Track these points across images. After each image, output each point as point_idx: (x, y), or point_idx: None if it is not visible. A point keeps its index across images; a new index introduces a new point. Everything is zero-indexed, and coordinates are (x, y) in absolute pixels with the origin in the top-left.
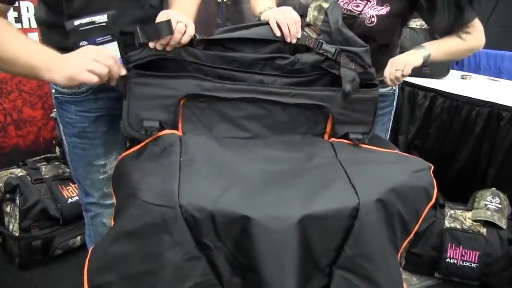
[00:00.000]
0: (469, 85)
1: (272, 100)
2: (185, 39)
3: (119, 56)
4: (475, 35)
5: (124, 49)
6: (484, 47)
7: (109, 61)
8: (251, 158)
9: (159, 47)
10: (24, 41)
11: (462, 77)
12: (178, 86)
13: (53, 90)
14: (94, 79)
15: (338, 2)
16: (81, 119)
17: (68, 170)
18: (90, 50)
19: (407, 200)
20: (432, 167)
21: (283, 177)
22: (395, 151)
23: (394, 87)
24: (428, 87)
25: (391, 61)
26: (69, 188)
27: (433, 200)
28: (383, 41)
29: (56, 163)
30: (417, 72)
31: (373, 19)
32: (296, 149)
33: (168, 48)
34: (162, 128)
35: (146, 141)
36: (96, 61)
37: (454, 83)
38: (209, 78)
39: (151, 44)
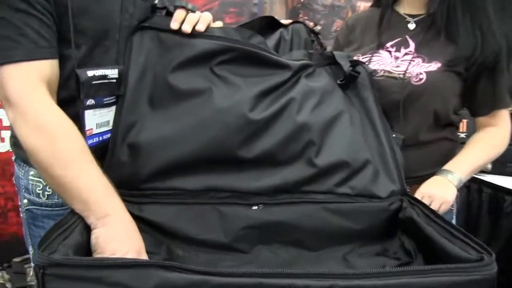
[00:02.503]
0: None
1: None
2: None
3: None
4: (501, 130)
5: None
6: None
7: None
8: None
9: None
10: (91, 165)
11: None
12: (128, 282)
13: (25, 201)
14: None
15: (370, 63)
16: None
17: None
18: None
19: None
20: None
21: None
22: None
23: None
24: None
25: (424, 195)
26: None
27: None
28: (437, 106)
29: None
30: (498, 169)
31: (421, 76)
32: None
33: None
34: None
35: None
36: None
37: None
38: (176, 265)
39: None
